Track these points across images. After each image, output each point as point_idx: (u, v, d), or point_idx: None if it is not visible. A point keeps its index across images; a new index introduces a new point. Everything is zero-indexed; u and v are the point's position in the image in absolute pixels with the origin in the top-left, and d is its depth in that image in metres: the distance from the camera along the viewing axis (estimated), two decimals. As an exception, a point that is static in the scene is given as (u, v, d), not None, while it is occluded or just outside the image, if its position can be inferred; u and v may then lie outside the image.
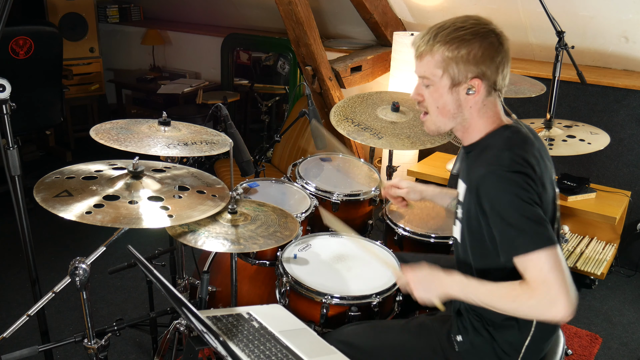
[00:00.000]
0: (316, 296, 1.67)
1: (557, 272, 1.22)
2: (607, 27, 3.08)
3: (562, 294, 1.21)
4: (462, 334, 1.49)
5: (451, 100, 1.40)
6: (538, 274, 1.24)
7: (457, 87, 1.39)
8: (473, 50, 1.34)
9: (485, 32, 1.36)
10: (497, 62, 1.36)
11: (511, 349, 1.44)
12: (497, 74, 1.38)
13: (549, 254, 1.23)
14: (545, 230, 1.25)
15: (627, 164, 3.21)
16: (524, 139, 1.39)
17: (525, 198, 1.27)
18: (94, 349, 1.56)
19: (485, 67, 1.36)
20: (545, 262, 1.23)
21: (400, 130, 2.29)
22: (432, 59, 1.38)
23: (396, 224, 2.15)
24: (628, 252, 3.27)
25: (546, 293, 1.22)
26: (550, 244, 1.24)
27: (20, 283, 2.95)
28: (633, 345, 2.63)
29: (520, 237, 1.25)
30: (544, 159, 1.41)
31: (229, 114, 2.13)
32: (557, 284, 1.21)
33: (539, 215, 1.27)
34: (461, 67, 1.36)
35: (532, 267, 1.25)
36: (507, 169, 1.30)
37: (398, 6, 3.80)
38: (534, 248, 1.24)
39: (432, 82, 1.41)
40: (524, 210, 1.26)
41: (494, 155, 1.35)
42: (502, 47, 1.37)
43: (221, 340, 1.13)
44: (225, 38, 4.75)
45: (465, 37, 1.35)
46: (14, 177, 1.70)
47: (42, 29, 3.61)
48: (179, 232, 1.62)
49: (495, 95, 1.42)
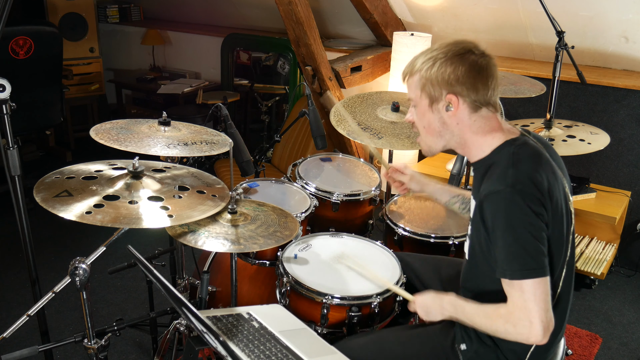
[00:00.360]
0: (316, 296, 1.67)
1: (537, 302, 1.27)
2: (607, 27, 3.08)
3: (538, 322, 1.26)
4: (466, 343, 1.49)
5: (434, 119, 1.46)
6: (518, 300, 1.29)
7: (436, 104, 1.44)
8: (443, 69, 1.39)
9: (459, 50, 1.40)
10: (472, 78, 1.38)
11: (515, 357, 1.44)
12: (475, 91, 1.39)
13: (535, 285, 1.28)
14: (537, 260, 1.29)
15: (627, 164, 3.21)
16: (530, 154, 1.38)
17: (525, 224, 1.29)
18: (94, 349, 1.56)
19: (458, 85, 1.39)
20: (529, 291, 1.28)
21: (400, 130, 2.30)
22: (413, 80, 1.47)
23: (396, 224, 2.15)
24: (628, 252, 3.27)
25: (522, 319, 1.28)
26: (538, 275, 1.28)
27: (20, 283, 2.95)
28: (633, 345, 2.63)
29: (511, 262, 1.30)
30: (554, 170, 1.39)
31: (229, 114, 2.13)
32: (535, 313, 1.27)
33: (535, 245, 1.29)
34: (435, 85, 1.41)
35: (516, 293, 1.30)
36: (510, 189, 1.30)
37: (398, 6, 3.80)
38: (521, 277, 1.28)
39: (416, 103, 1.49)
40: (520, 237, 1.29)
41: (498, 174, 1.35)
42: (478, 64, 1.39)
43: (221, 340, 1.13)
44: (225, 38, 4.75)
45: (438, 57, 1.41)
46: (14, 177, 1.70)
47: (42, 29, 3.61)
48: (179, 232, 1.62)
49: (484, 111, 1.42)
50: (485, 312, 1.38)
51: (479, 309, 1.40)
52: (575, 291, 3.02)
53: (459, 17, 3.50)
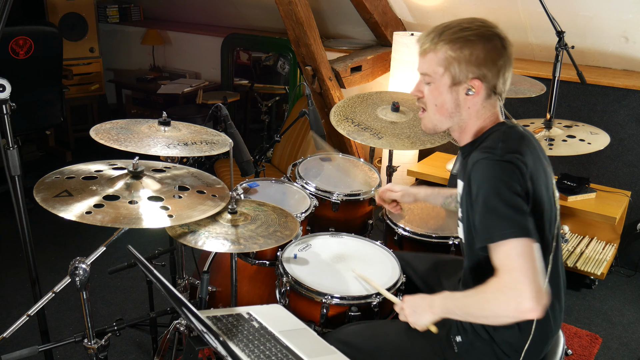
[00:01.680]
0: (316, 296, 1.67)
1: (525, 261, 1.19)
2: (607, 27, 3.08)
3: (527, 282, 1.17)
4: (461, 335, 1.48)
5: (450, 99, 1.41)
6: (505, 261, 1.22)
7: (457, 86, 1.40)
8: (476, 52, 1.35)
9: (490, 35, 1.37)
10: (499, 65, 1.37)
11: (511, 350, 1.44)
12: (498, 77, 1.39)
13: (521, 244, 1.21)
14: (523, 221, 1.24)
15: (627, 164, 3.21)
16: (520, 135, 1.41)
17: (511, 187, 1.27)
18: (94, 349, 1.56)
19: (486, 70, 1.37)
20: (515, 250, 1.21)
21: (400, 130, 2.30)
22: (435, 56, 1.39)
23: (396, 224, 2.15)
24: (628, 252, 3.27)
25: (510, 282, 1.20)
26: (525, 234, 1.22)
27: (20, 283, 2.95)
28: (633, 345, 2.63)
29: (498, 224, 1.24)
30: (541, 159, 1.42)
31: (229, 114, 2.13)
32: (523, 272, 1.18)
33: (520, 205, 1.26)
34: (463, 67, 1.37)
35: (501, 254, 1.23)
36: (498, 157, 1.31)
37: (398, 6, 3.80)
38: (508, 236, 1.22)
39: (433, 80, 1.42)
40: (506, 197, 1.25)
41: (488, 144, 1.37)
42: (505, 51, 1.38)
43: (221, 340, 1.13)
44: (225, 38, 4.75)
45: (469, 38, 1.36)
46: (14, 177, 1.70)
47: (42, 29, 3.61)
48: (179, 232, 1.62)
49: (494, 98, 1.43)
50: (475, 291, 1.29)
51: (468, 294, 1.32)
52: (575, 291, 3.03)
53: (459, 17, 3.50)
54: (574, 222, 3.24)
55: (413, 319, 1.44)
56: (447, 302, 1.38)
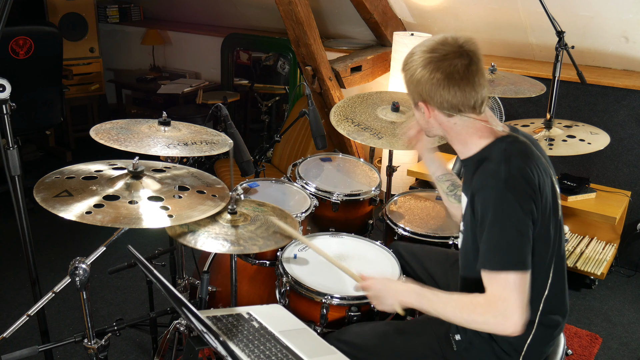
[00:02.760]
0: (316, 296, 1.67)
1: (519, 294, 1.28)
2: (607, 27, 3.08)
3: (518, 314, 1.27)
4: (460, 333, 1.49)
5: (418, 115, 1.51)
6: (500, 291, 1.29)
7: (416, 107, 1.49)
8: (415, 76, 1.41)
9: (439, 57, 1.37)
10: (438, 91, 1.38)
11: (511, 349, 1.44)
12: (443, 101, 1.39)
13: (518, 277, 1.29)
14: (520, 254, 1.30)
15: (627, 164, 3.21)
16: (521, 150, 1.40)
17: (513, 219, 1.30)
18: (94, 349, 1.56)
19: (428, 96, 1.41)
20: (510, 283, 1.28)
21: (400, 130, 2.29)
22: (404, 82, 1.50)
23: (396, 224, 2.15)
24: (628, 252, 3.27)
25: (503, 310, 1.28)
26: (521, 268, 1.29)
27: (20, 283, 2.95)
28: (633, 345, 2.63)
29: (495, 254, 1.31)
30: (543, 166, 1.41)
31: (229, 114, 2.13)
32: (516, 304, 1.28)
33: (520, 238, 1.30)
34: (412, 91, 1.46)
35: (497, 284, 1.30)
36: (503, 184, 1.32)
37: (398, 6, 3.80)
38: (504, 268, 1.29)
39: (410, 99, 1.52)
40: (507, 231, 1.30)
41: (491, 168, 1.37)
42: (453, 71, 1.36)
43: (221, 340, 1.13)
44: (225, 38, 4.75)
45: (415, 61, 1.41)
46: (14, 177, 1.70)
47: (42, 29, 3.61)
48: (179, 232, 1.62)
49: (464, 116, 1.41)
50: (459, 302, 1.36)
51: (450, 298, 1.39)
52: (575, 291, 3.03)
53: (459, 17, 3.50)
54: (574, 222, 3.24)
55: (374, 302, 1.53)
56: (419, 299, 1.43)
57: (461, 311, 1.34)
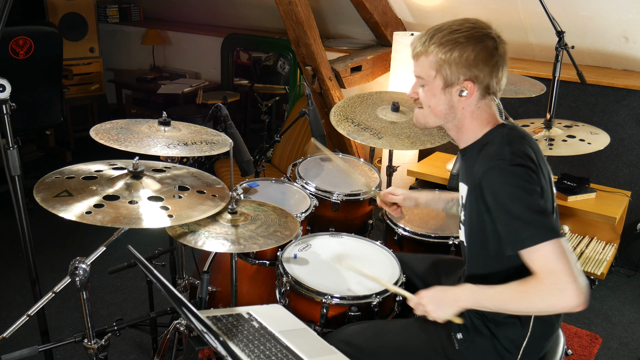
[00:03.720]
0: (316, 296, 1.67)
1: (564, 262, 1.24)
2: (607, 27, 3.08)
3: (571, 281, 1.22)
4: (462, 332, 1.49)
5: (444, 101, 1.44)
6: (545, 264, 1.25)
7: (449, 88, 1.42)
8: (466, 53, 1.37)
9: (480, 35, 1.38)
10: (491, 65, 1.38)
11: (512, 345, 1.44)
12: (491, 77, 1.40)
13: (555, 245, 1.25)
14: (550, 221, 1.28)
15: (627, 164, 3.21)
16: (522, 135, 1.42)
17: (529, 190, 1.29)
18: (94, 349, 1.56)
19: (477, 71, 1.38)
20: (552, 252, 1.25)
21: (400, 130, 2.29)
22: (427, 59, 1.42)
23: (396, 224, 2.15)
24: (628, 252, 3.27)
25: (555, 282, 1.24)
26: (556, 235, 1.26)
27: (20, 283, 2.95)
28: (633, 345, 2.63)
29: (526, 230, 1.27)
30: (542, 157, 1.43)
31: (229, 114, 2.13)
32: (565, 272, 1.23)
33: (543, 207, 1.29)
34: (454, 69, 1.39)
35: (539, 258, 1.26)
36: (509, 162, 1.32)
37: (398, 6, 3.80)
38: (540, 240, 1.25)
39: (427, 82, 1.45)
40: (528, 202, 1.28)
41: (494, 150, 1.37)
42: (497, 51, 1.39)
43: (221, 340, 1.13)
44: (225, 38, 4.75)
45: (459, 40, 1.37)
46: (14, 177, 1.70)
47: (42, 29, 3.61)
48: (179, 232, 1.62)
49: (489, 98, 1.44)
50: (510, 290, 1.31)
51: (502, 289, 1.33)
52: (575, 291, 3.03)
53: (459, 17, 3.50)
54: (574, 222, 3.24)
55: (436, 313, 1.44)
56: (476, 296, 1.38)
57: (518, 299, 1.30)
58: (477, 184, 1.37)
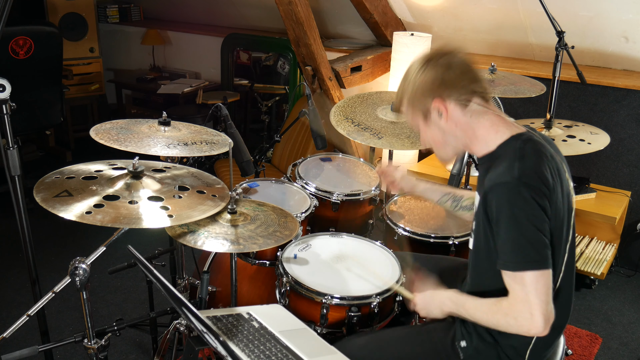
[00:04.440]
0: (316, 296, 1.67)
1: (538, 294, 1.27)
2: (607, 27, 3.08)
3: (538, 315, 1.27)
4: (465, 340, 1.49)
5: (434, 130, 1.49)
6: (519, 292, 1.29)
7: (429, 117, 1.47)
8: (418, 83, 1.45)
9: (426, 62, 1.44)
10: (448, 78, 1.41)
11: (515, 353, 1.44)
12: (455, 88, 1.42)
13: (537, 277, 1.28)
14: (540, 253, 1.29)
15: (627, 164, 3.21)
16: (536, 149, 1.38)
17: (530, 217, 1.29)
18: (94, 349, 1.56)
19: (437, 89, 1.43)
20: (529, 283, 1.28)
21: (400, 130, 2.29)
22: (404, 108, 1.53)
23: (396, 224, 2.15)
24: (628, 252, 3.27)
25: (523, 312, 1.28)
26: (541, 267, 1.28)
27: (20, 283, 2.95)
28: (633, 345, 2.63)
29: (513, 254, 1.30)
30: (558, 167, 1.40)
31: (229, 114, 2.13)
32: (535, 305, 1.27)
33: (538, 237, 1.29)
34: (421, 100, 1.46)
35: (517, 284, 1.30)
36: (517, 181, 1.30)
37: (398, 6, 3.80)
38: (522, 269, 1.29)
39: (417, 125, 1.53)
40: (524, 229, 1.29)
41: (504, 166, 1.35)
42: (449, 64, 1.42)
43: (221, 340, 1.13)
44: (225, 38, 4.75)
45: (411, 79, 1.46)
46: (14, 177, 1.70)
47: (42, 29, 3.61)
48: (179, 232, 1.62)
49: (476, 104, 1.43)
50: (485, 306, 1.38)
51: (479, 303, 1.40)
52: (575, 291, 3.02)
53: (459, 17, 3.50)
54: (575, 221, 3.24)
55: (424, 313, 1.56)
56: (458, 307, 1.46)
57: (488, 315, 1.36)
58: (485, 197, 1.37)
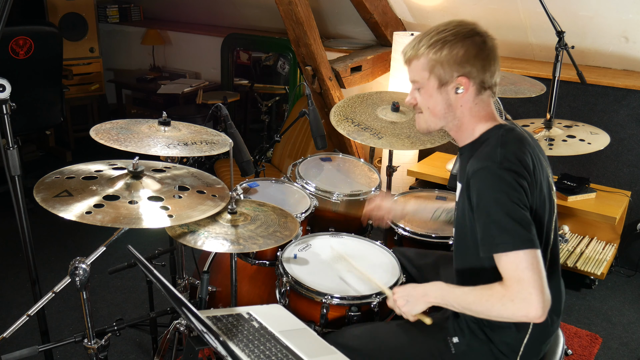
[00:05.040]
0: (316, 296, 1.67)
1: (533, 272, 1.24)
2: (607, 27, 3.08)
3: (536, 293, 1.23)
4: (458, 336, 1.49)
5: (441, 101, 1.45)
6: (514, 272, 1.26)
7: (445, 87, 1.43)
8: (455, 50, 1.39)
9: (467, 32, 1.40)
10: (482, 60, 1.40)
11: (509, 350, 1.44)
12: (484, 72, 1.41)
13: (528, 255, 1.25)
14: (528, 232, 1.27)
15: (627, 164, 3.21)
16: (518, 137, 1.41)
17: (514, 198, 1.29)
18: (94, 349, 1.56)
19: (469, 66, 1.39)
20: (522, 261, 1.25)
21: (400, 130, 2.29)
22: (419, 62, 1.44)
23: (396, 224, 2.15)
24: (628, 252, 3.27)
25: (519, 291, 1.24)
26: (531, 246, 1.26)
27: (20, 283, 2.95)
28: (633, 345, 2.63)
29: (502, 236, 1.28)
30: (539, 158, 1.43)
31: (229, 114, 2.13)
32: (532, 283, 1.23)
33: (524, 216, 1.28)
34: (446, 67, 1.40)
35: (509, 265, 1.27)
36: (499, 165, 1.31)
37: (398, 6, 3.80)
38: (513, 248, 1.26)
39: (422, 85, 1.46)
40: (509, 209, 1.28)
41: (487, 151, 1.37)
42: (486, 45, 1.40)
43: (221, 340, 1.13)
44: (225, 38, 4.75)
45: (447, 39, 1.39)
46: (14, 177, 1.70)
47: (42, 29, 3.61)
48: (179, 232, 1.62)
49: (486, 94, 1.44)
50: (478, 292, 1.33)
51: (469, 289, 1.36)
52: (575, 291, 3.03)
53: (459, 17, 3.50)
54: (574, 222, 3.24)
55: (405, 308, 1.48)
56: (443, 293, 1.42)
57: (481, 302, 1.31)
58: (467, 183, 1.37)
